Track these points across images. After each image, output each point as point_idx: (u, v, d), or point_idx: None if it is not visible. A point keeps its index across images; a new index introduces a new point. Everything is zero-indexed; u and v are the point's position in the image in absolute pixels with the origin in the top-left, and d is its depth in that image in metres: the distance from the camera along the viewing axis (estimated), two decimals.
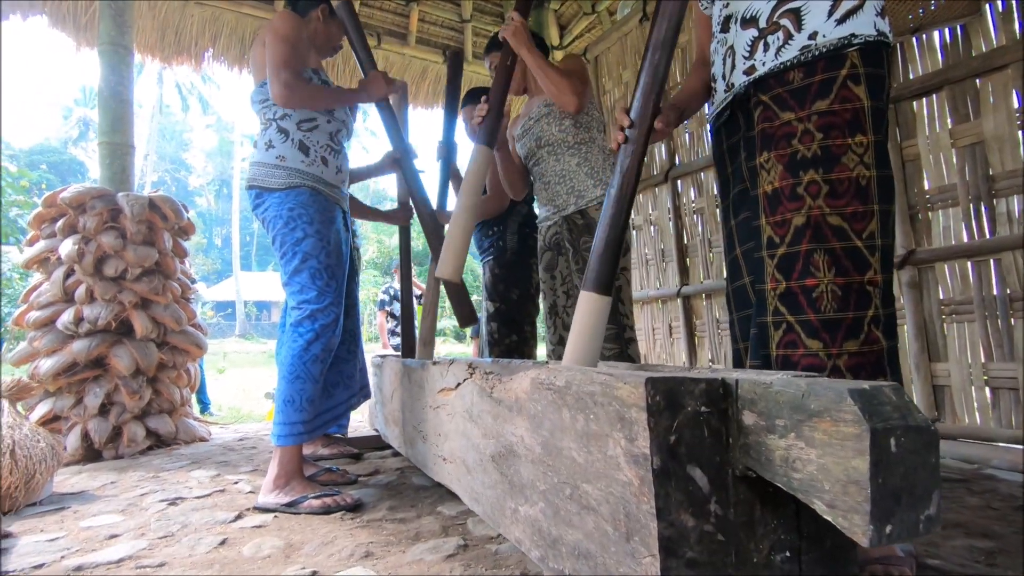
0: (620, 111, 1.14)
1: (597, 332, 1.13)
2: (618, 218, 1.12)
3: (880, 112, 1.04)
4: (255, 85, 1.90)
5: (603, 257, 1.13)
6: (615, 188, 1.13)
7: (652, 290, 3.47)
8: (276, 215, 1.78)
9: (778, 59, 1.09)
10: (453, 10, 4.67)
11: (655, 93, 1.11)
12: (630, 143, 1.10)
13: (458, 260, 1.63)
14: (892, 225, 1.06)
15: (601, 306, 1.13)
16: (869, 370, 1.00)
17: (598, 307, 1.13)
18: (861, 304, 1.01)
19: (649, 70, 1.12)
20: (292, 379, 1.67)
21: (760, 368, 1.12)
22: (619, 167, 1.12)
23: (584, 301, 1.14)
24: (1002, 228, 1.96)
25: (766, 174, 1.09)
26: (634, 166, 1.13)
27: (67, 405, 2.55)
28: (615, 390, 0.75)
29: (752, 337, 1.13)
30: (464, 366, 1.40)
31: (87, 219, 2.62)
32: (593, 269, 1.13)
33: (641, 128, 1.10)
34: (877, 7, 1.07)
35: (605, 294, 1.13)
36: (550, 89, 1.83)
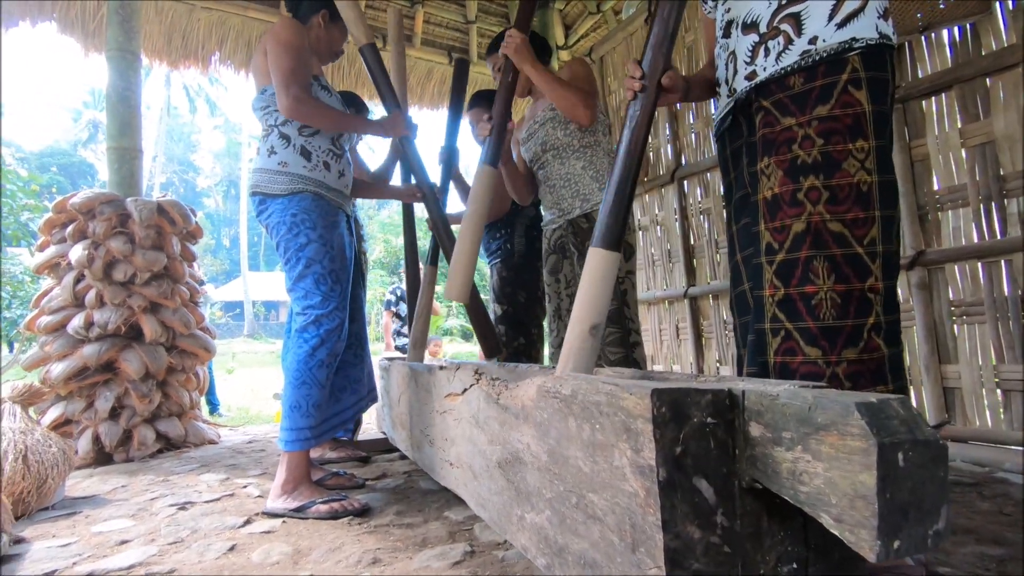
0: (633, 64, 1.13)
1: (606, 288, 1.11)
2: (627, 171, 1.10)
3: (883, 116, 1.03)
4: (256, 91, 1.91)
5: (612, 212, 1.11)
6: (624, 143, 1.11)
7: (659, 291, 3.46)
8: (279, 221, 1.79)
9: (779, 64, 1.08)
10: (458, 11, 4.67)
11: (666, 45, 1.09)
12: (639, 98, 1.10)
13: (466, 281, 1.64)
14: (896, 231, 1.05)
15: (610, 262, 1.11)
16: (869, 378, 0.99)
17: (606, 263, 1.10)
18: (861, 311, 1.00)
19: (660, 23, 1.11)
20: (298, 385, 1.68)
21: (758, 375, 1.11)
22: (629, 121, 1.11)
23: (592, 257, 1.12)
24: (1013, 229, 1.93)
25: (766, 180, 1.09)
26: (644, 119, 1.11)
27: (78, 409, 2.58)
28: (621, 400, 0.75)
29: (749, 344, 1.13)
30: (470, 371, 1.40)
31: (96, 224, 2.64)
32: (601, 224, 1.12)
33: (652, 80, 1.10)
34: (879, 9, 1.06)
35: (613, 249, 1.11)
36: (561, 104, 1.84)
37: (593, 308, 1.08)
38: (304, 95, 1.72)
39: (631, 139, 1.08)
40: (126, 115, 2.95)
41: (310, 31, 1.97)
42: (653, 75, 1.09)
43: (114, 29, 3.00)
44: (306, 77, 1.78)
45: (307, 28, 1.97)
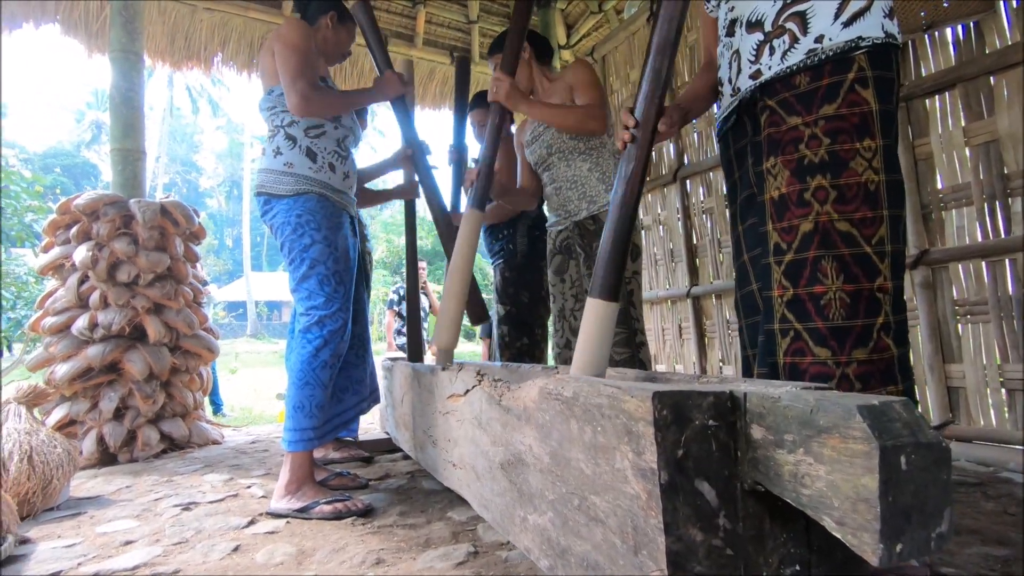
0: (625, 112, 1.13)
1: (605, 339, 1.13)
2: (623, 223, 1.12)
3: (889, 115, 1.02)
4: (263, 92, 1.91)
5: (609, 263, 1.13)
6: (619, 192, 1.13)
7: (662, 290, 3.45)
8: (284, 221, 1.79)
9: (784, 63, 1.08)
10: (460, 11, 4.67)
11: (658, 95, 1.10)
12: (633, 146, 1.10)
13: (454, 330, 1.67)
14: (903, 230, 1.04)
15: (609, 312, 1.12)
16: (879, 378, 0.99)
17: (606, 313, 1.12)
18: (871, 311, 0.99)
19: (651, 73, 1.11)
20: (301, 385, 1.68)
21: (768, 376, 1.11)
22: (622, 171, 1.12)
23: (591, 308, 1.14)
24: (1017, 228, 1.93)
25: (773, 179, 1.08)
26: (638, 170, 1.12)
27: (83, 409, 2.59)
28: (622, 403, 0.75)
29: (760, 345, 1.12)
30: (473, 373, 1.40)
31: (100, 226, 2.65)
32: (599, 275, 1.13)
33: (645, 131, 1.10)
34: (885, 8, 1.05)
35: (612, 300, 1.13)
36: (570, 128, 1.85)
37: (592, 360, 1.09)
38: (311, 91, 1.73)
39: (625, 190, 1.09)
40: (129, 117, 2.96)
41: (318, 32, 1.98)
42: (646, 124, 1.09)
43: (117, 31, 3.00)
44: (313, 76, 1.79)
45: (315, 29, 1.98)
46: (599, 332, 1.12)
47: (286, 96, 1.73)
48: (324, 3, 2.02)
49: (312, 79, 1.76)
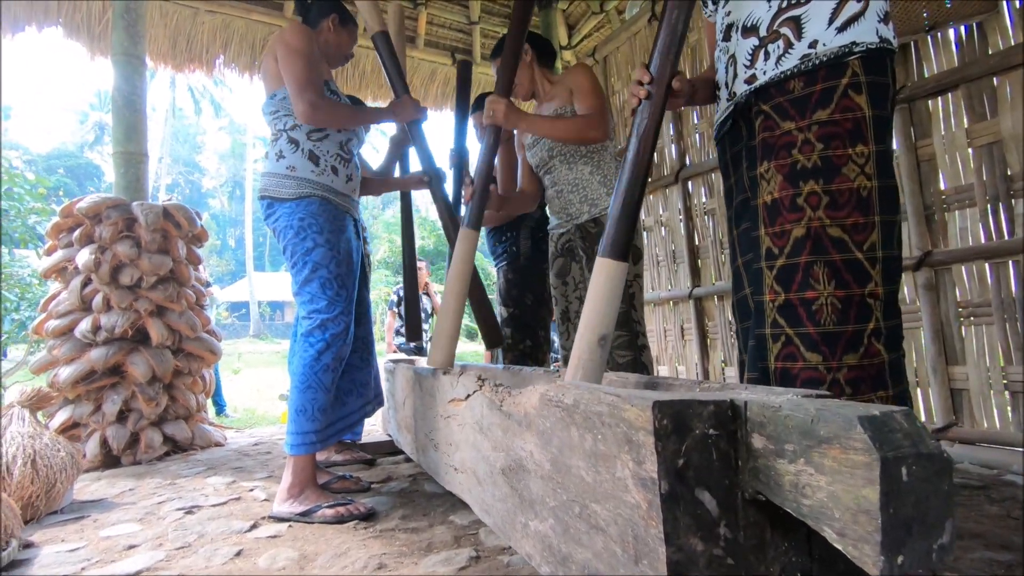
0: (641, 68, 1.12)
1: (614, 298, 1.11)
2: (635, 182, 1.10)
3: (883, 121, 1.02)
4: (266, 96, 1.91)
5: (620, 222, 1.11)
6: (632, 151, 1.11)
7: (664, 291, 3.45)
8: (287, 225, 1.79)
9: (778, 68, 1.08)
10: (461, 12, 4.67)
11: (674, 51, 1.09)
12: (648, 102, 1.09)
13: (450, 348, 1.67)
14: (897, 236, 1.04)
15: (618, 272, 1.11)
16: (869, 383, 0.99)
17: (615, 273, 1.11)
18: (861, 317, 0.99)
19: (667, 29, 1.10)
20: (304, 389, 1.69)
21: (758, 381, 1.11)
22: (636, 128, 1.10)
23: (601, 267, 1.12)
24: (1020, 229, 1.92)
25: (766, 184, 1.08)
26: (652, 127, 1.10)
27: (86, 412, 2.60)
28: (622, 412, 0.75)
29: (750, 349, 1.12)
30: (474, 377, 1.40)
31: (103, 229, 2.66)
32: (610, 235, 1.11)
33: (660, 86, 1.09)
34: (880, 13, 1.05)
35: (622, 259, 1.11)
36: (571, 139, 1.86)
37: (602, 318, 1.09)
38: (319, 99, 1.74)
39: (639, 147, 1.08)
40: (132, 120, 2.97)
41: (320, 35, 1.98)
42: (661, 80, 1.09)
43: (119, 34, 3.01)
44: (319, 82, 1.79)
45: (317, 32, 1.98)
46: (607, 291, 1.11)
47: (293, 104, 1.74)
48: (325, 6, 2.03)
49: (319, 87, 1.77)
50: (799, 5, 1.06)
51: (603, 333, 1.08)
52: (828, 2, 1.04)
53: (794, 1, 1.07)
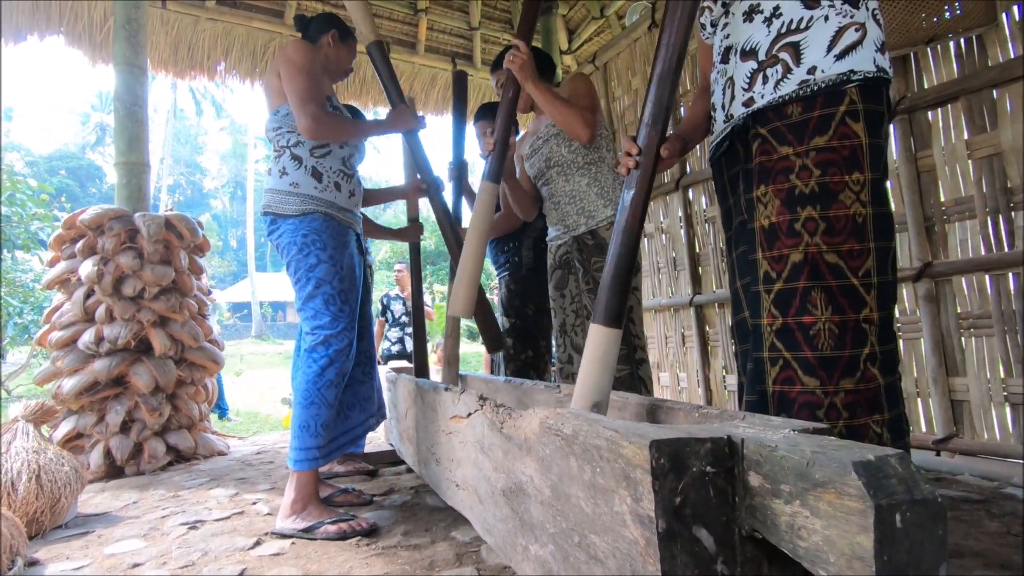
0: (627, 139, 1.14)
1: (608, 365, 1.13)
2: (626, 250, 1.12)
3: (879, 149, 1.03)
4: (269, 112, 1.92)
5: (612, 289, 1.13)
6: (622, 220, 1.13)
7: (664, 298, 3.45)
8: (290, 241, 1.81)
9: (777, 92, 1.08)
10: (461, 18, 4.67)
11: (660, 123, 1.10)
12: (636, 172, 1.11)
13: (469, 298, 1.66)
14: (892, 261, 1.05)
15: (611, 338, 1.13)
16: (865, 407, 1.00)
17: (608, 339, 1.13)
18: (857, 342, 1.00)
19: (654, 101, 1.12)
20: (307, 405, 1.70)
21: (757, 404, 1.12)
22: (624, 198, 1.12)
23: (594, 334, 1.14)
24: (1020, 242, 1.92)
25: (763, 208, 1.09)
26: (640, 197, 1.12)
27: (90, 423, 2.61)
28: (620, 448, 0.76)
29: (748, 372, 1.13)
30: (474, 397, 1.41)
31: (105, 240, 2.67)
32: (602, 301, 1.14)
33: (648, 156, 1.10)
34: (877, 42, 1.05)
35: (615, 327, 1.13)
36: (561, 123, 1.84)
37: (595, 386, 1.10)
38: (322, 114, 1.75)
39: (629, 219, 1.09)
40: (134, 130, 2.98)
41: (320, 50, 1.99)
42: (648, 151, 1.10)
43: (121, 44, 3.02)
44: (322, 97, 1.81)
45: (317, 48, 1.99)
46: (601, 359, 1.13)
47: (296, 119, 1.75)
48: (325, 22, 2.04)
49: (321, 101, 1.78)
50: (798, 31, 1.07)
51: (596, 400, 1.10)
52: (827, 30, 1.05)
53: (793, 27, 1.08)
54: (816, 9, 1.06)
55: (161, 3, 3.78)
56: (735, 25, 1.17)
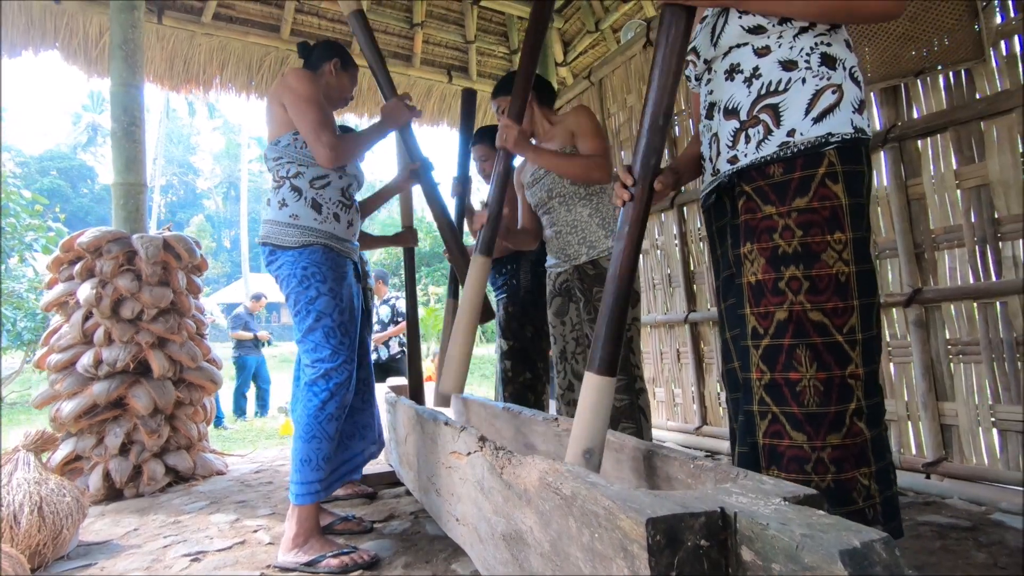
0: (623, 170, 1.17)
1: (602, 411, 1.16)
2: (619, 298, 1.15)
3: (859, 208, 1.06)
4: (269, 142, 1.94)
5: (606, 339, 1.16)
6: (614, 268, 1.16)
7: (660, 315, 3.49)
8: (290, 273, 1.82)
9: (759, 153, 1.11)
10: (457, 31, 4.69)
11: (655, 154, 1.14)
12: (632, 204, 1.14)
13: (460, 376, 1.70)
14: (876, 316, 1.08)
15: (605, 386, 1.16)
16: (852, 462, 1.03)
17: (602, 387, 1.16)
18: (843, 398, 1.03)
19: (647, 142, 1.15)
20: (308, 439, 1.72)
21: (748, 456, 1.15)
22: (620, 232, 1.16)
23: (589, 382, 1.17)
24: (1008, 272, 1.96)
25: (750, 265, 1.12)
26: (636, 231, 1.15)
27: (88, 445, 2.62)
28: (617, 520, 0.79)
29: (740, 424, 1.16)
30: (475, 437, 1.43)
31: (104, 263, 2.68)
32: (597, 350, 1.16)
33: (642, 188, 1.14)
34: (855, 103, 1.08)
35: (609, 375, 1.16)
36: (575, 177, 1.88)
37: (588, 431, 1.13)
38: (336, 141, 1.78)
39: (621, 259, 1.12)
40: (131, 151, 2.99)
41: (321, 78, 2.01)
42: (643, 182, 1.13)
43: (118, 64, 3.02)
44: (333, 124, 1.84)
45: (318, 75, 2.01)
46: (594, 406, 1.16)
47: (313, 151, 1.77)
48: (327, 50, 2.05)
49: (333, 128, 1.81)
50: (777, 93, 1.10)
51: (588, 447, 1.13)
52: (805, 92, 1.08)
53: (772, 88, 1.11)
54: (794, 71, 1.09)
55: (157, 19, 3.78)
56: (718, 83, 1.20)
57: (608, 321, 1.16)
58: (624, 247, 1.16)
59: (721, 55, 1.19)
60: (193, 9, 3.94)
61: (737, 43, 1.16)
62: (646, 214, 1.15)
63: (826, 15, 1.06)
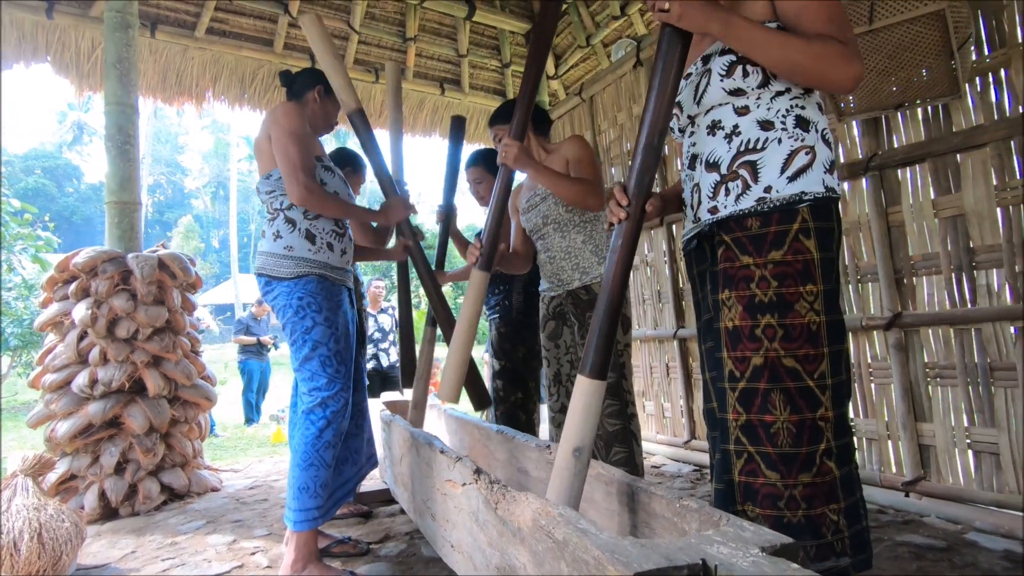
0: (619, 189, 1.22)
1: (591, 413, 1.22)
2: (612, 306, 1.21)
3: (830, 262, 1.14)
4: (261, 175, 1.97)
5: (598, 344, 1.22)
6: (608, 275, 1.21)
7: (649, 329, 3.55)
8: (286, 304, 1.86)
9: (738, 205, 1.18)
10: (450, 45, 4.73)
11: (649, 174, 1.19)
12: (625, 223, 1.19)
13: (457, 385, 1.74)
14: (845, 362, 1.15)
15: (596, 390, 1.22)
16: (822, 499, 1.10)
17: (592, 390, 1.22)
18: (814, 439, 1.10)
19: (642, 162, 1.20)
20: (306, 467, 1.76)
21: (725, 492, 1.21)
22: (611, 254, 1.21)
23: (580, 385, 1.23)
24: (983, 300, 2.04)
25: (727, 311, 1.19)
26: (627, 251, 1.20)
27: (84, 465, 2.64)
28: (606, 569, 0.84)
29: (717, 462, 1.23)
30: (470, 469, 1.47)
31: (99, 283, 2.70)
32: (589, 354, 1.22)
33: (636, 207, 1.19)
34: (826, 164, 1.16)
35: (600, 378, 1.22)
36: (570, 200, 1.90)
37: (579, 431, 1.19)
38: (313, 184, 1.80)
39: (613, 272, 1.18)
40: (126, 170, 3.00)
41: (305, 106, 2.04)
42: (637, 202, 1.18)
43: (112, 83, 3.04)
44: (312, 164, 1.86)
45: (303, 103, 2.04)
46: (584, 408, 1.22)
47: (287, 187, 1.80)
48: (310, 78, 2.08)
49: (312, 169, 1.84)
50: (755, 151, 1.17)
51: (577, 445, 1.18)
52: (780, 152, 1.15)
53: (751, 146, 1.17)
54: (771, 131, 1.16)
55: (150, 33, 3.79)
56: (700, 136, 1.26)
57: (600, 328, 1.21)
58: (616, 260, 1.20)
59: (704, 112, 1.26)
60: (186, 24, 3.95)
61: (719, 103, 1.22)
62: (639, 231, 1.20)
63: (796, 71, 1.12)
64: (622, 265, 1.20)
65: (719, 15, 1.11)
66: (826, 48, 1.08)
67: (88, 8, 3.57)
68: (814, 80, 1.13)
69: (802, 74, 1.12)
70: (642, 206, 1.20)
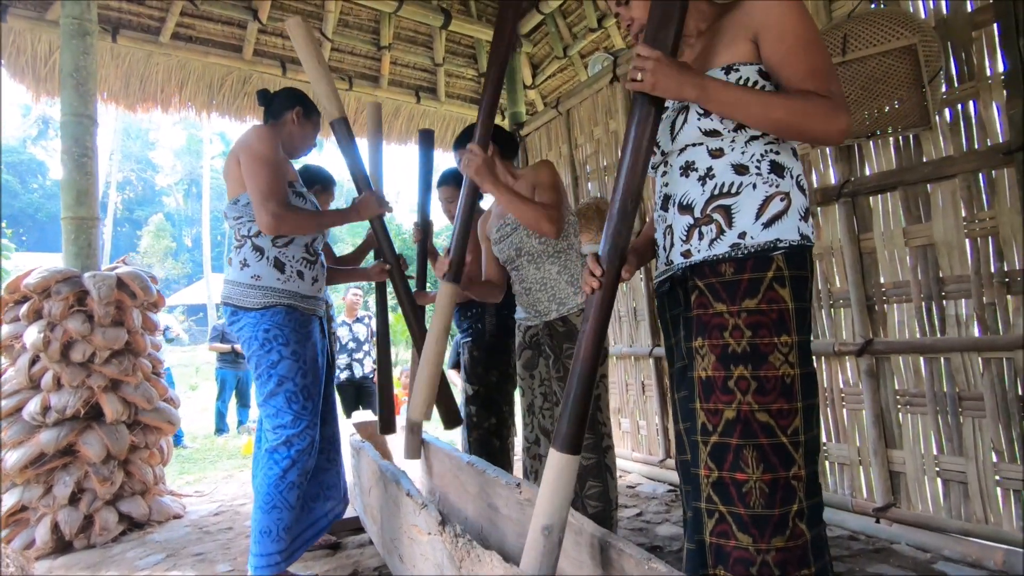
0: (592, 260, 1.19)
1: (564, 489, 1.17)
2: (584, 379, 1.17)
3: (804, 312, 1.11)
4: (228, 200, 1.89)
5: (571, 418, 1.18)
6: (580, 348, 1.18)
7: (625, 346, 3.54)
8: (252, 336, 1.79)
9: (711, 251, 1.15)
10: (425, 54, 4.66)
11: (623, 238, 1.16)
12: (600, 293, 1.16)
13: (429, 403, 1.68)
14: (816, 417, 1.13)
15: (569, 465, 1.18)
16: (795, 564, 1.07)
17: (565, 465, 1.18)
18: (787, 500, 1.07)
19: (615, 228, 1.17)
20: (268, 509, 1.69)
21: (696, 553, 1.18)
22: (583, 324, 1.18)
23: (554, 460, 1.18)
24: (951, 330, 2.05)
25: (701, 359, 1.15)
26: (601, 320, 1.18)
27: (35, 496, 2.51)
28: None
29: (689, 520, 1.20)
30: (435, 520, 1.42)
31: (52, 304, 2.57)
32: (562, 429, 1.18)
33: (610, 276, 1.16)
34: (801, 211, 1.13)
35: (574, 454, 1.18)
36: (525, 222, 1.83)
37: (549, 508, 1.14)
38: (282, 210, 1.73)
39: (585, 343, 1.14)
40: (83, 183, 2.87)
41: (283, 127, 1.97)
42: (611, 270, 1.15)
43: (69, 93, 2.90)
44: (283, 190, 1.79)
45: (280, 124, 1.97)
46: (555, 482, 1.17)
47: (256, 215, 1.73)
48: (289, 99, 2.01)
49: (283, 196, 1.76)
50: (730, 195, 1.14)
51: (547, 523, 1.14)
52: (755, 197, 1.12)
53: (725, 190, 1.14)
54: (745, 176, 1.13)
55: (111, 38, 3.65)
56: (673, 177, 1.23)
57: (574, 400, 1.17)
58: (589, 330, 1.18)
59: (678, 150, 1.22)
60: (150, 28, 3.81)
61: (693, 142, 1.19)
62: (612, 299, 1.17)
63: (779, 129, 1.10)
64: (595, 335, 1.17)
65: (694, 80, 1.08)
66: (807, 104, 1.06)
67: (44, 11, 3.41)
68: (797, 136, 1.10)
69: (785, 131, 1.09)
70: (617, 272, 1.17)
